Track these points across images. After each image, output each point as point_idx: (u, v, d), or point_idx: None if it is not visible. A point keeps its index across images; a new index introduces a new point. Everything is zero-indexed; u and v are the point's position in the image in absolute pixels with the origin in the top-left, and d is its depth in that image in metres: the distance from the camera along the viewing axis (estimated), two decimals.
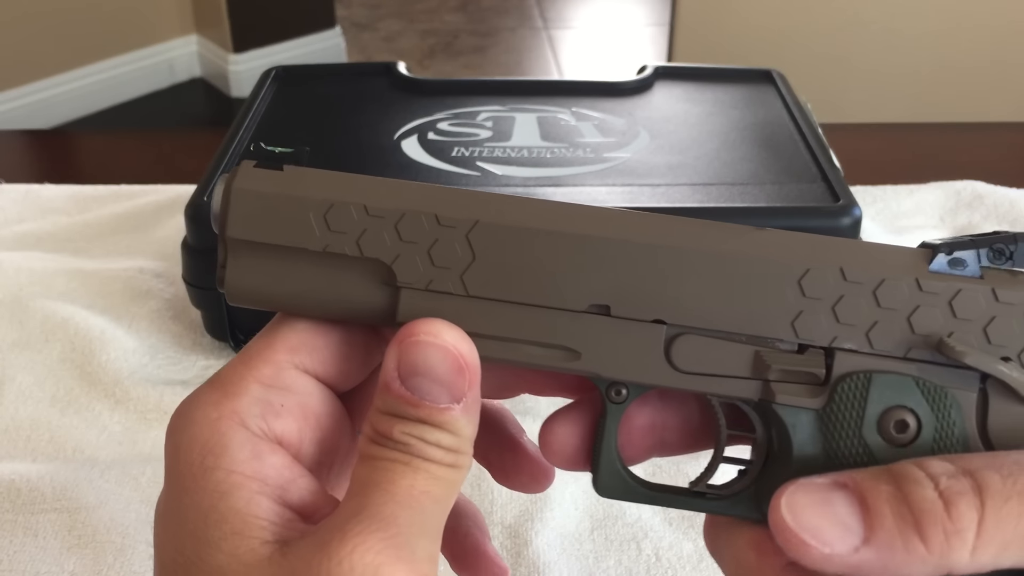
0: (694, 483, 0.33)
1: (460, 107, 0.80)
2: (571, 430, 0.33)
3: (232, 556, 0.28)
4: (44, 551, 0.52)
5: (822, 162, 0.71)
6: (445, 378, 0.29)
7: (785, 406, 0.31)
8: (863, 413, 0.30)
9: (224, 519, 0.28)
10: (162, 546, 0.30)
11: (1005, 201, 0.83)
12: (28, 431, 0.61)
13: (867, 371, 0.30)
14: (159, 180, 0.87)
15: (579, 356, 0.31)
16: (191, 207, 0.65)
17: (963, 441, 0.30)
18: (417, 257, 0.31)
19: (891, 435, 0.30)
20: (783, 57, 1.58)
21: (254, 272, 0.31)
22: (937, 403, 0.30)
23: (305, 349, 0.31)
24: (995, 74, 1.88)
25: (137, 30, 2.82)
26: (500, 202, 0.31)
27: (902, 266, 0.31)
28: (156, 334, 0.69)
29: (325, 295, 0.31)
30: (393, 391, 0.29)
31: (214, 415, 0.30)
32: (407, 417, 0.29)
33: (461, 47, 3.31)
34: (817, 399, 0.30)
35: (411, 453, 0.29)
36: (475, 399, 0.30)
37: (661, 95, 0.83)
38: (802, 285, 0.30)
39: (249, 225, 0.31)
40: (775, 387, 0.31)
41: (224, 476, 0.29)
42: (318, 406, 0.32)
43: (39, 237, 0.80)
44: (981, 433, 0.30)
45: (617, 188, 0.69)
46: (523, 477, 0.36)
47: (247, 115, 0.76)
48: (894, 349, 0.30)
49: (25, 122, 2.59)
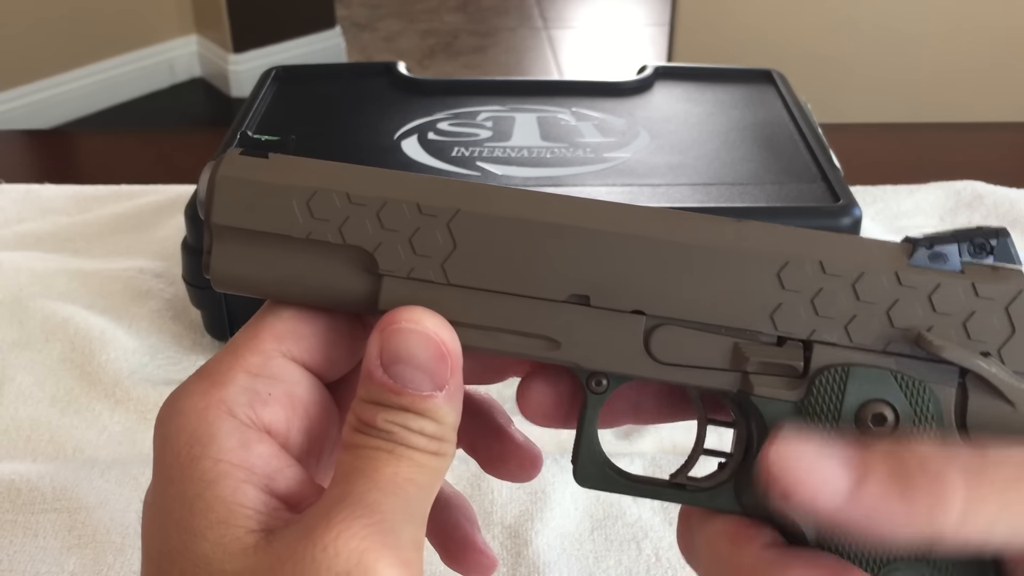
0: (674, 475, 0.33)
1: (460, 107, 0.80)
2: (547, 388, 0.33)
3: (217, 545, 0.27)
4: (44, 551, 0.52)
5: (822, 162, 0.71)
6: (427, 365, 0.29)
7: (763, 398, 0.31)
8: (840, 406, 0.30)
9: (210, 508, 0.28)
10: (149, 537, 0.30)
11: (1005, 201, 0.83)
12: (28, 431, 0.61)
13: (845, 364, 0.30)
14: (159, 180, 0.87)
15: (559, 345, 0.31)
16: (191, 207, 0.65)
17: (941, 436, 0.30)
18: (399, 245, 0.31)
19: (868, 428, 0.30)
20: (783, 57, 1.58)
21: (239, 258, 0.31)
22: (915, 397, 0.30)
23: (292, 337, 0.31)
24: (995, 74, 1.88)
25: (137, 30, 2.82)
26: (482, 191, 0.31)
27: (882, 259, 0.31)
28: (156, 334, 0.69)
29: (308, 282, 0.31)
30: (376, 379, 0.29)
31: (201, 405, 0.30)
32: (390, 405, 0.29)
33: (461, 47, 3.31)
34: (795, 391, 0.30)
35: (394, 441, 0.29)
36: (457, 386, 0.30)
37: (661, 95, 0.84)
38: (781, 277, 0.30)
39: (234, 212, 0.31)
40: (753, 379, 0.31)
41: (211, 465, 0.29)
42: (305, 395, 0.32)
43: (39, 237, 0.80)
44: (960, 428, 0.30)
45: (617, 188, 0.69)
46: (510, 466, 0.36)
47: (247, 115, 0.76)
48: (873, 343, 0.30)
49: (25, 122, 2.59)
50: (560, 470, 0.56)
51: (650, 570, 0.52)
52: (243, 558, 0.27)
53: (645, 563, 0.52)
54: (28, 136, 1.19)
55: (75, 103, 2.74)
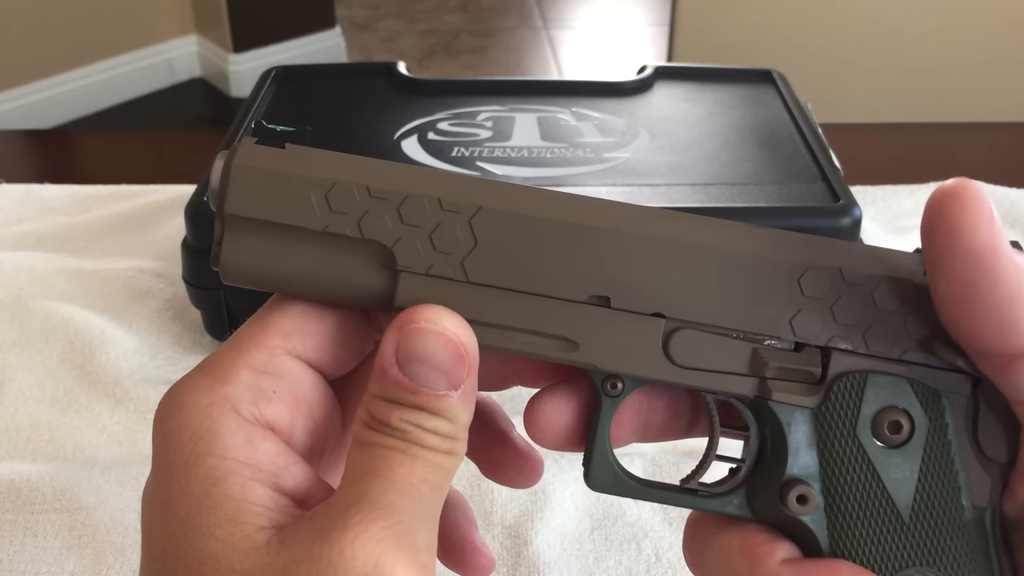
0: (685, 480, 0.33)
1: (460, 107, 0.80)
2: (559, 408, 0.33)
3: (227, 543, 0.27)
4: (44, 551, 0.52)
5: (822, 162, 0.71)
6: (445, 366, 0.29)
7: (781, 404, 0.30)
8: (858, 413, 0.30)
9: (218, 505, 0.28)
10: (150, 534, 0.29)
11: (1005, 201, 0.83)
12: (28, 431, 0.61)
13: (863, 371, 0.30)
14: (159, 180, 0.87)
15: (577, 347, 0.31)
16: (191, 207, 0.65)
17: (955, 443, 0.30)
18: (418, 241, 0.30)
19: (885, 435, 0.30)
20: (783, 57, 1.58)
21: (251, 250, 0.31)
22: (930, 405, 0.30)
23: (299, 334, 0.31)
24: (995, 74, 1.88)
25: (137, 30, 2.82)
26: (504, 189, 0.31)
27: (900, 268, 0.31)
28: (156, 334, 0.69)
29: (322, 276, 0.31)
30: (391, 377, 0.29)
31: (205, 401, 0.29)
32: (404, 403, 0.29)
33: (461, 47, 3.31)
34: (812, 397, 0.30)
35: (408, 440, 0.29)
36: (472, 386, 0.30)
37: (661, 95, 0.83)
38: (801, 284, 0.30)
39: (248, 201, 0.30)
40: (771, 384, 0.30)
41: (217, 463, 0.28)
42: (310, 393, 0.31)
43: (39, 237, 0.80)
44: (972, 436, 0.30)
45: (617, 188, 0.69)
46: (511, 471, 0.36)
47: (247, 115, 0.76)
48: (889, 350, 0.30)
49: (25, 122, 2.59)
50: (560, 470, 0.56)
51: (650, 570, 0.52)
52: (255, 557, 0.27)
53: (645, 563, 0.52)
54: (28, 136, 1.19)
55: (75, 103, 2.74)
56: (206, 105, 2.92)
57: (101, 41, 2.75)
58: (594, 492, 0.55)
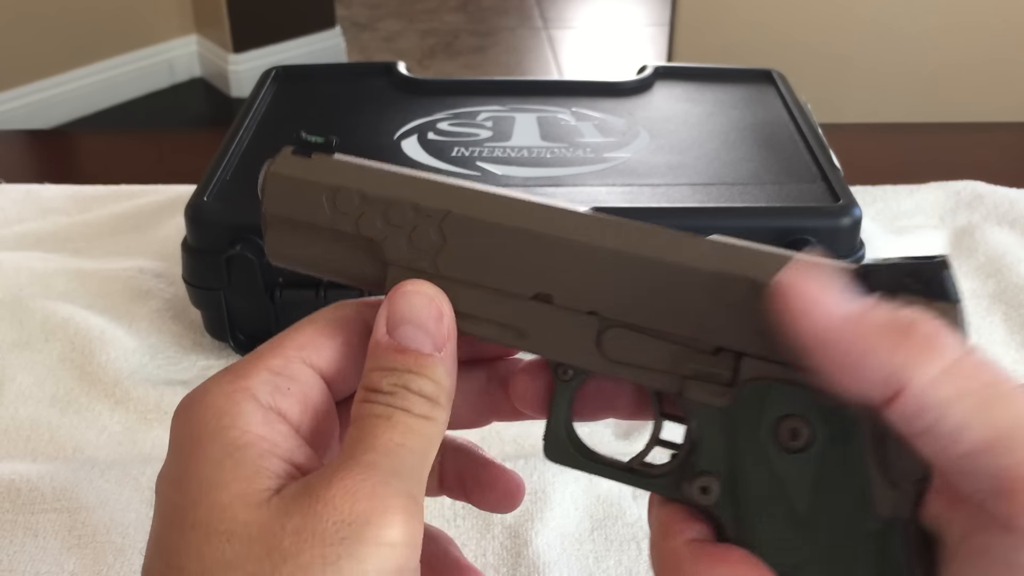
0: (631, 460, 0.35)
1: (460, 107, 0.80)
2: (533, 379, 0.37)
3: (237, 496, 0.30)
4: (44, 551, 0.52)
5: (822, 162, 0.71)
6: (428, 324, 0.33)
7: (694, 401, 0.33)
8: (760, 417, 0.32)
9: (239, 464, 0.30)
10: (165, 498, 0.31)
11: (1005, 201, 0.83)
12: (28, 431, 0.61)
13: (769, 378, 0.32)
14: (159, 180, 0.87)
15: (526, 337, 0.35)
16: (191, 207, 0.65)
17: (857, 454, 0.31)
18: (401, 240, 0.35)
19: (785, 441, 0.31)
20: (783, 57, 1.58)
21: (284, 241, 0.37)
22: (832, 416, 0.31)
23: (312, 346, 0.34)
24: (995, 74, 1.88)
25: (137, 30, 2.82)
26: (472, 196, 0.35)
27: None
28: (156, 334, 0.69)
29: (335, 263, 0.37)
30: (382, 345, 0.33)
31: (229, 388, 0.32)
32: (394, 367, 0.33)
33: (461, 47, 3.31)
34: (722, 399, 0.32)
35: (393, 405, 0.32)
36: (452, 353, 0.34)
37: (661, 95, 0.84)
38: (720, 293, 0.32)
39: (279, 203, 0.37)
40: (687, 383, 0.33)
41: (239, 435, 0.31)
42: (318, 398, 0.34)
43: (39, 237, 0.80)
44: (877, 449, 0.30)
45: (617, 188, 0.69)
46: (497, 492, 0.40)
47: (247, 115, 0.76)
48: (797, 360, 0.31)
49: (25, 122, 2.60)
50: (560, 470, 0.56)
51: (650, 570, 0.52)
52: (256, 511, 0.30)
53: (645, 563, 0.52)
54: (28, 136, 1.19)
55: (75, 103, 2.74)
56: (206, 105, 2.92)
57: (101, 41, 2.75)
58: (594, 492, 0.56)
